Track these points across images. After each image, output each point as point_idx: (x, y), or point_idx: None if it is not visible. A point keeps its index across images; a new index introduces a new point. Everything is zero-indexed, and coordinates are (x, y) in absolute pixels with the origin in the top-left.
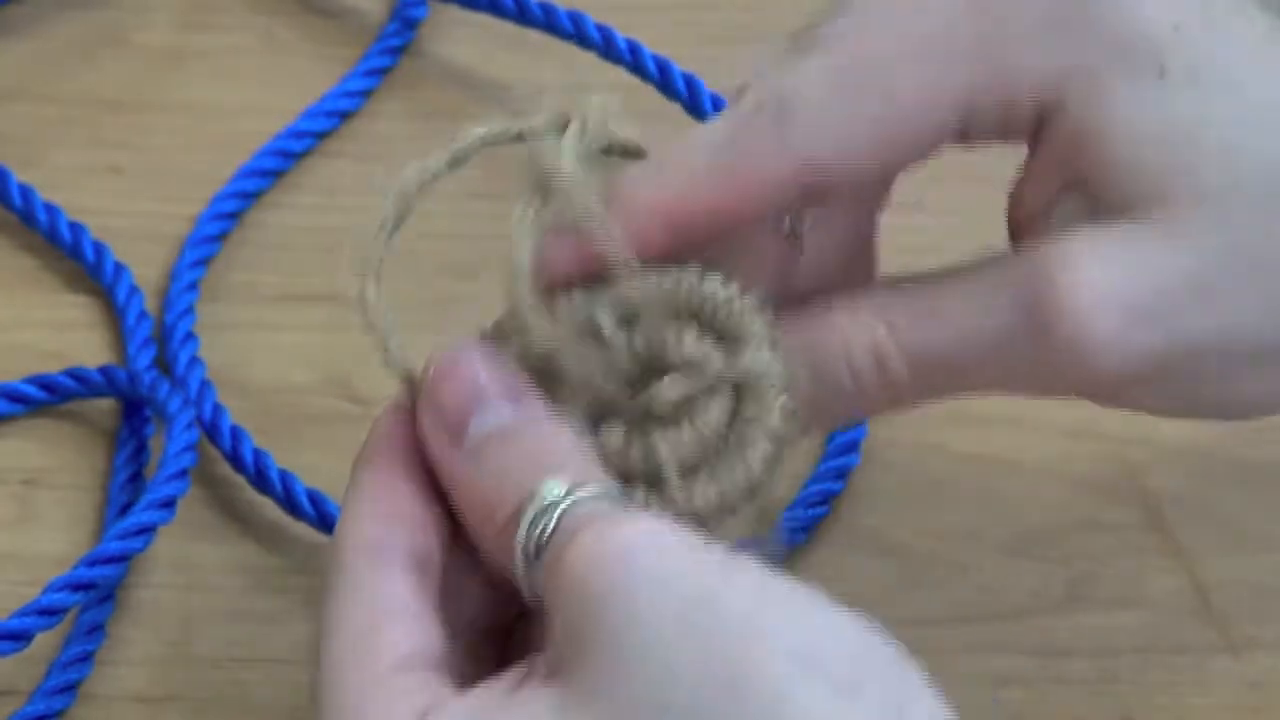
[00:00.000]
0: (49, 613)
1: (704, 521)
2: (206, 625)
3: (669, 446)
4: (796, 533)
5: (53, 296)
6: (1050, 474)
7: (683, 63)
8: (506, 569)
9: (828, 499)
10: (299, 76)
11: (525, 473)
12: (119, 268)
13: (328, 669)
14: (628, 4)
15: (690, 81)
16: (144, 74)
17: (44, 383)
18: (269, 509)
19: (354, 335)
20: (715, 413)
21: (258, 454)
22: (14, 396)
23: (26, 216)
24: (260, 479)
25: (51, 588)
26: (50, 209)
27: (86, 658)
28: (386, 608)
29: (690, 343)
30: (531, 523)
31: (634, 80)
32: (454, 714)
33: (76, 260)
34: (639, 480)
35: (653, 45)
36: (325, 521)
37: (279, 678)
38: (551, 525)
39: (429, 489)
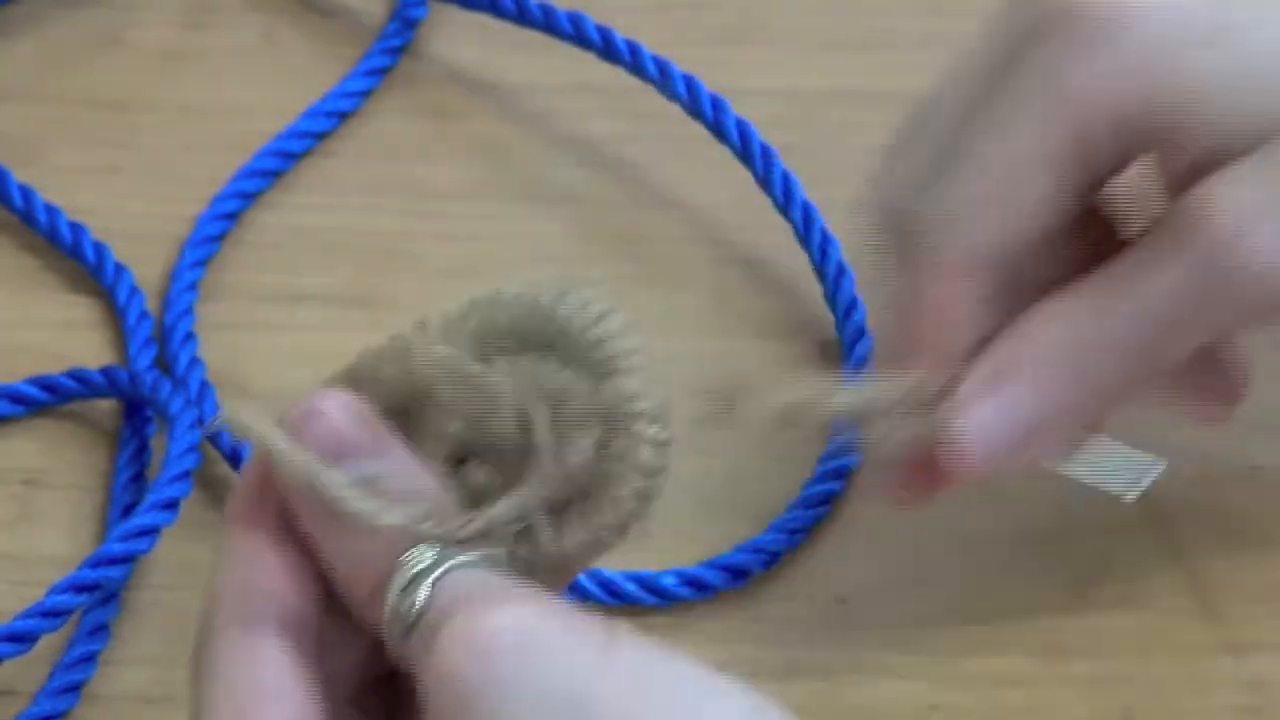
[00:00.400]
0: (53, 614)
1: (575, 560)
2: None
3: (535, 489)
4: (796, 533)
5: (53, 297)
6: (1050, 474)
7: (682, 63)
8: (378, 630)
9: (828, 499)
10: (299, 76)
11: (391, 534)
12: (119, 268)
13: None
14: (627, 4)
15: (690, 82)
16: (144, 74)
17: (45, 383)
18: None
19: (354, 335)
20: (584, 448)
21: None
22: (15, 397)
23: (27, 217)
24: None
25: (56, 589)
26: (51, 209)
27: (90, 658)
28: (257, 691)
29: (548, 375)
30: (401, 593)
31: (634, 81)
32: None
33: (77, 261)
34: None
35: (652, 46)
36: None
37: None
38: (421, 600)
39: (299, 543)
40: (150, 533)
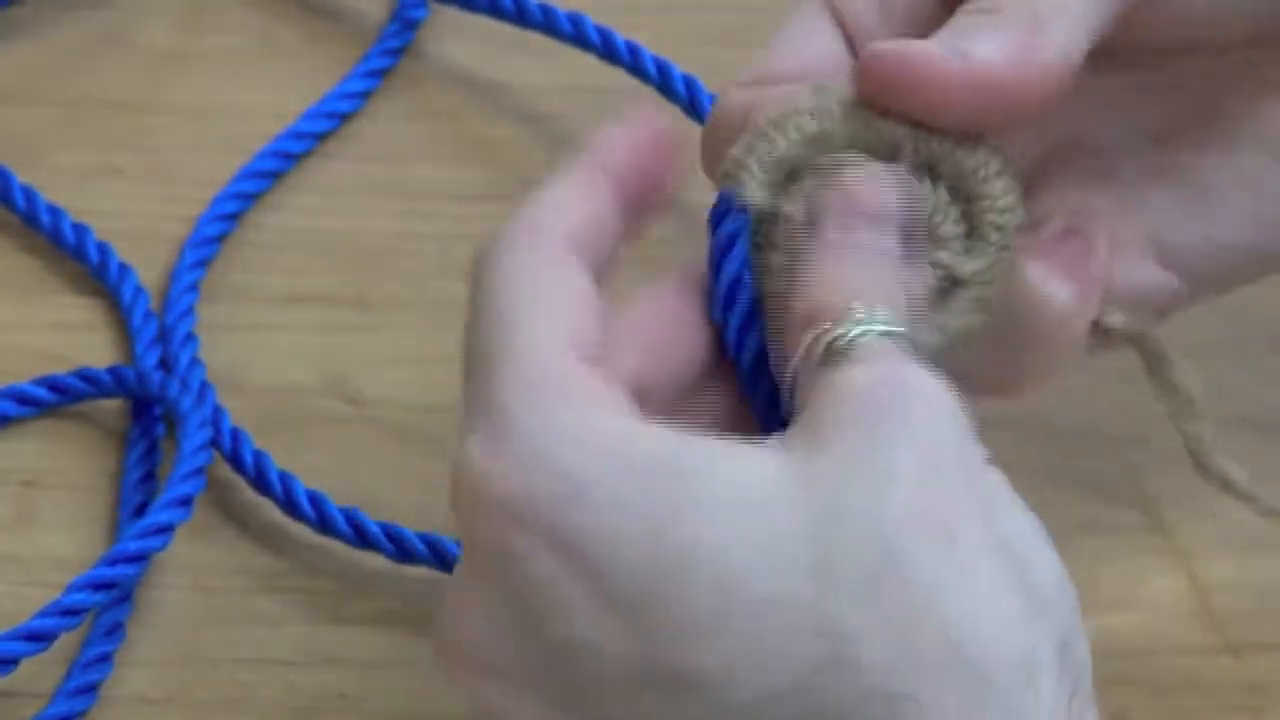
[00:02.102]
0: (71, 613)
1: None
2: (206, 627)
3: None
4: None
5: (56, 298)
6: (1050, 474)
7: (682, 64)
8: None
9: None
10: (299, 78)
11: (857, 289)
12: (123, 268)
13: (512, 342)
14: (627, 5)
15: (690, 83)
16: (145, 76)
17: (53, 384)
18: (269, 510)
19: (353, 335)
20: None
21: (257, 455)
22: (22, 398)
23: (30, 218)
24: (260, 480)
25: (73, 587)
26: (54, 211)
27: (106, 658)
28: (584, 294)
29: (949, 227)
30: (848, 324)
31: (633, 82)
32: (684, 443)
33: (80, 262)
34: None
35: (652, 47)
36: (325, 522)
37: (279, 679)
38: (854, 335)
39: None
40: (166, 530)
